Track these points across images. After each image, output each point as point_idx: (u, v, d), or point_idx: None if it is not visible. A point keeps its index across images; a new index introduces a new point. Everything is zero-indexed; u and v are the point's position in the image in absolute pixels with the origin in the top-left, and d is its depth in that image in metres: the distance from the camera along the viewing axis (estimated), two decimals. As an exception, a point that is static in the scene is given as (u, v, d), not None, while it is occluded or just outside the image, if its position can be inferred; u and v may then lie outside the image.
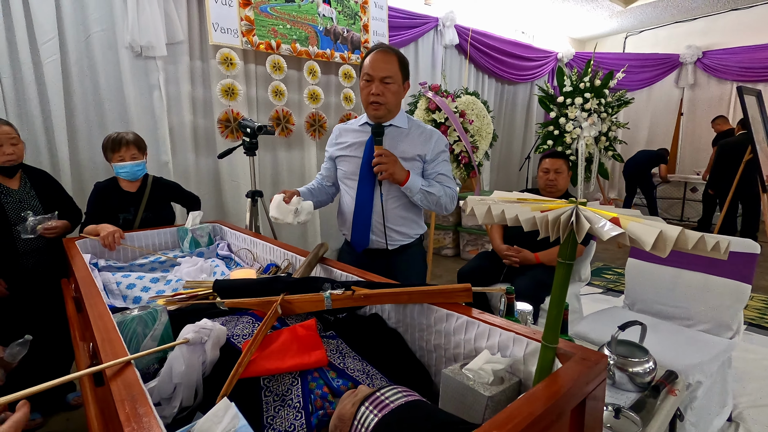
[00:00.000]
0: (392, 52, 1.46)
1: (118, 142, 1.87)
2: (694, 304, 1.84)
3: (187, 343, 0.77)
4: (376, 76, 1.44)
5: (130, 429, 0.53)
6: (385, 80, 1.44)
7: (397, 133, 1.53)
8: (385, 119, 1.51)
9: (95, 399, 0.88)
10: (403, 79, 1.49)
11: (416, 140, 1.53)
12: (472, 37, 4.91)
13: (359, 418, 0.61)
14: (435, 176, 1.56)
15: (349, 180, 1.60)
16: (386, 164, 1.40)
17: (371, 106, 1.47)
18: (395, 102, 1.49)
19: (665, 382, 1.20)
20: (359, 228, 1.56)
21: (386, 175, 1.40)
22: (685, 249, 0.46)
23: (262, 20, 3.13)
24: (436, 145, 1.55)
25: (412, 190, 1.47)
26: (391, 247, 1.56)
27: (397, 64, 1.45)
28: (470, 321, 0.86)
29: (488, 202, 0.58)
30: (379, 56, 1.45)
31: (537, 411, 0.55)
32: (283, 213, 1.44)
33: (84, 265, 1.34)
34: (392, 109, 1.50)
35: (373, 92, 1.44)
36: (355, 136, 1.59)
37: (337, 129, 1.68)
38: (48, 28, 2.39)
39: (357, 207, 1.55)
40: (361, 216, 1.54)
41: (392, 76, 1.44)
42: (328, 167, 1.71)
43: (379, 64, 1.44)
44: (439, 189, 1.52)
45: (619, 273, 3.97)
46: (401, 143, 1.52)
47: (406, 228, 1.58)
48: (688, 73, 6.18)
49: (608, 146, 4.44)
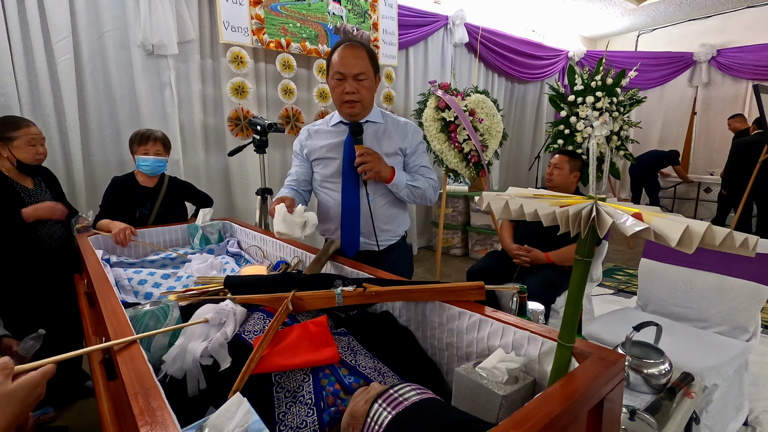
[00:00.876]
0: (360, 46, 1.39)
1: (146, 136, 1.95)
2: (710, 306, 1.80)
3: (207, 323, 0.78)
4: (348, 74, 1.37)
5: (143, 422, 0.53)
6: (358, 77, 1.38)
7: (375, 130, 1.49)
8: (361, 117, 1.46)
9: (108, 393, 0.88)
10: (374, 73, 1.43)
11: (394, 135, 1.49)
12: (482, 35, 4.87)
13: (372, 415, 0.60)
14: (417, 169, 1.53)
15: (330, 183, 1.53)
16: (370, 163, 1.35)
17: (346, 105, 1.41)
18: (370, 98, 1.44)
19: (681, 384, 1.18)
20: (349, 231, 1.50)
21: (372, 174, 1.36)
22: (713, 246, 0.45)
23: (273, 19, 3.14)
24: (413, 137, 1.52)
25: (399, 186, 1.44)
26: (381, 247, 1.52)
27: (367, 58, 1.39)
28: (483, 319, 0.85)
29: (505, 198, 0.57)
30: (348, 52, 1.37)
31: (554, 411, 0.54)
32: (290, 227, 1.31)
33: (97, 260, 1.35)
34: (367, 106, 1.45)
35: (347, 90, 1.38)
36: (329, 137, 1.52)
37: (305, 130, 1.59)
38: (62, 27, 2.41)
39: (344, 210, 1.49)
40: (350, 219, 1.49)
41: (365, 71, 1.38)
42: (303, 171, 1.59)
43: (349, 60, 1.36)
44: (423, 182, 1.49)
45: (630, 274, 3.92)
46: (381, 140, 1.48)
47: (395, 225, 1.55)
48: (702, 72, 6.08)
49: (620, 146, 4.39)
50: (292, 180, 1.59)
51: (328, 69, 1.44)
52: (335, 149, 1.49)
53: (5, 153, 1.73)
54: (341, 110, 1.47)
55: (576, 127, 4.24)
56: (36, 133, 1.77)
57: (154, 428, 0.52)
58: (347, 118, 1.47)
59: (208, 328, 0.87)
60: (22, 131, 1.73)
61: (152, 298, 1.37)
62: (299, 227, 1.32)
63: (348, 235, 1.50)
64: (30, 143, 1.74)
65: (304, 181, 1.59)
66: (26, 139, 1.74)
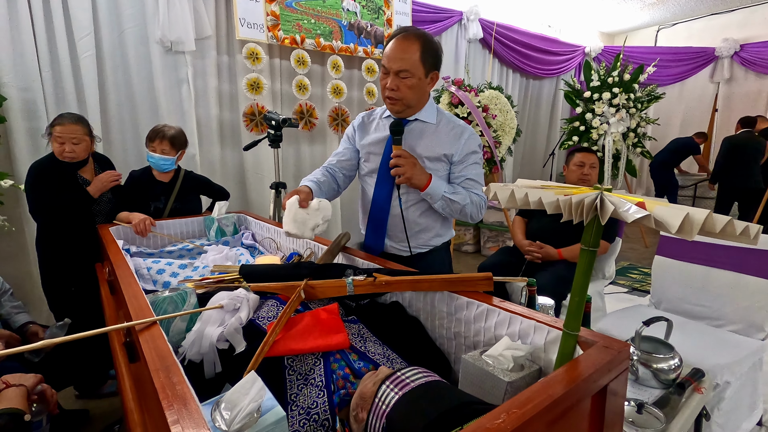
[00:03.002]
0: (414, 40, 1.25)
1: (155, 133, 1.99)
2: (724, 304, 1.78)
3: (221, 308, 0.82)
4: (391, 69, 1.27)
5: (164, 396, 0.56)
6: (400, 74, 1.26)
7: (421, 129, 1.38)
8: (406, 114, 1.36)
9: (130, 374, 0.92)
10: (427, 71, 1.29)
11: (444, 138, 1.37)
12: (497, 31, 4.84)
13: (380, 395, 0.62)
14: (462, 181, 1.38)
15: (369, 177, 1.47)
16: (403, 167, 1.25)
17: (387, 100, 1.34)
18: (414, 97, 1.31)
19: (691, 380, 1.18)
20: (374, 232, 1.45)
21: (403, 179, 1.27)
22: (713, 233, 0.46)
23: (287, 15, 3.18)
24: (466, 145, 1.37)
25: (433, 197, 1.31)
26: (413, 253, 1.44)
27: (418, 54, 1.25)
28: (491, 309, 0.86)
29: (511, 187, 0.58)
30: (397, 45, 1.26)
31: (556, 394, 0.55)
32: (301, 227, 1.21)
33: (118, 249, 1.40)
34: (412, 104, 1.33)
35: (388, 86, 1.29)
36: (377, 130, 1.46)
37: (360, 118, 1.52)
38: (85, 24, 2.48)
39: (373, 209, 1.43)
40: (377, 219, 1.43)
41: (409, 69, 1.25)
42: (347, 156, 1.50)
43: (395, 54, 1.25)
44: (464, 196, 1.34)
45: (645, 273, 3.86)
46: (425, 140, 1.37)
47: (430, 235, 1.44)
48: (724, 68, 5.92)
49: (637, 143, 4.32)
50: (332, 162, 1.50)
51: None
52: (379, 144, 1.43)
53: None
54: (386, 104, 1.38)
55: (591, 123, 4.19)
56: (60, 132, 1.81)
57: (174, 401, 0.55)
58: (393, 114, 1.40)
59: (223, 314, 0.91)
60: (56, 128, 1.81)
61: (170, 286, 1.42)
62: (310, 228, 1.23)
63: (372, 235, 1.45)
64: (57, 140, 1.82)
65: (344, 165, 1.49)
66: (55, 136, 1.81)
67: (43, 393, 1.13)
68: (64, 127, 1.82)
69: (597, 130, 4.17)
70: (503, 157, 4.03)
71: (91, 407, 1.92)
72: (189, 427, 0.50)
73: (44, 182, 1.82)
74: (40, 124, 2.40)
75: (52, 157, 1.85)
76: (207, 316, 0.90)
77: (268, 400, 0.60)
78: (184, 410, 0.53)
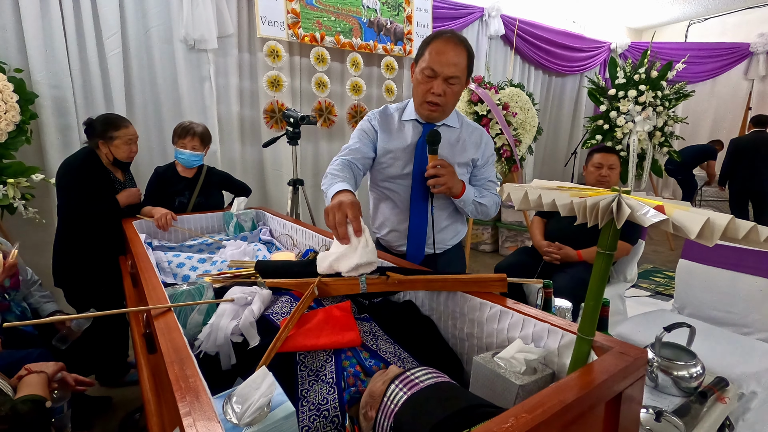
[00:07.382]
0: (463, 46, 1.22)
1: (186, 130, 2.03)
2: (753, 311, 1.71)
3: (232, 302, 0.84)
4: (440, 73, 1.20)
5: (177, 387, 0.57)
6: (450, 80, 1.22)
7: (449, 136, 1.35)
8: (438, 120, 1.33)
9: (148, 364, 0.95)
10: (468, 78, 1.28)
11: (468, 143, 1.37)
12: (519, 27, 4.75)
13: (389, 394, 0.62)
14: (484, 183, 1.41)
15: (389, 182, 1.39)
16: (444, 177, 1.21)
17: (427, 105, 1.26)
18: (454, 104, 1.30)
19: (714, 389, 1.14)
20: (416, 244, 1.40)
21: (443, 189, 1.23)
22: (735, 239, 0.44)
23: (308, 13, 3.19)
24: (486, 148, 1.40)
25: (466, 203, 1.32)
26: (437, 252, 1.44)
27: (466, 60, 1.23)
28: (504, 311, 0.85)
29: (525, 188, 0.57)
30: (450, 48, 1.19)
31: (567, 399, 0.54)
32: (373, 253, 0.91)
33: (141, 243, 1.44)
34: (448, 111, 1.31)
35: (434, 91, 1.22)
36: (400, 133, 1.36)
37: (377, 116, 1.40)
38: (112, 23, 2.56)
39: (412, 224, 1.38)
40: (417, 233, 1.38)
41: (459, 76, 1.22)
42: (366, 151, 1.34)
43: (448, 59, 1.19)
44: (489, 199, 1.38)
45: (669, 276, 3.75)
46: (455, 148, 1.35)
47: (452, 233, 1.47)
48: (759, 64, 5.67)
49: (663, 142, 4.18)
50: (356, 158, 1.32)
51: (418, 58, 1.27)
52: (406, 151, 1.34)
53: (105, 150, 1.89)
54: (420, 109, 1.31)
55: (616, 122, 4.08)
56: (133, 134, 1.92)
57: (187, 393, 0.56)
58: (424, 119, 1.33)
59: (237, 308, 0.93)
60: (122, 131, 1.87)
61: (189, 280, 1.46)
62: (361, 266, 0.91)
63: (414, 246, 1.41)
64: (127, 143, 1.89)
65: (364, 163, 1.35)
66: (125, 139, 1.89)
67: (63, 380, 1.18)
68: (129, 128, 1.90)
69: (622, 129, 4.06)
70: (523, 156, 3.97)
71: (114, 395, 1.99)
72: (200, 419, 0.51)
73: (81, 186, 1.83)
74: (69, 120, 2.49)
75: (89, 157, 1.87)
76: (222, 310, 0.91)
77: (279, 396, 0.61)
78: (196, 402, 0.54)
